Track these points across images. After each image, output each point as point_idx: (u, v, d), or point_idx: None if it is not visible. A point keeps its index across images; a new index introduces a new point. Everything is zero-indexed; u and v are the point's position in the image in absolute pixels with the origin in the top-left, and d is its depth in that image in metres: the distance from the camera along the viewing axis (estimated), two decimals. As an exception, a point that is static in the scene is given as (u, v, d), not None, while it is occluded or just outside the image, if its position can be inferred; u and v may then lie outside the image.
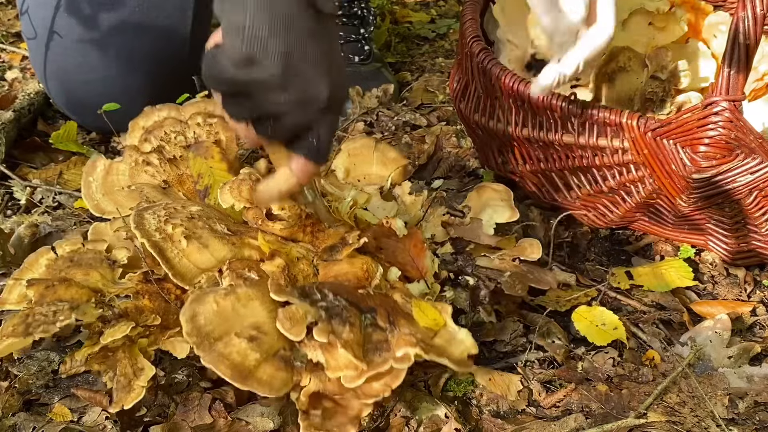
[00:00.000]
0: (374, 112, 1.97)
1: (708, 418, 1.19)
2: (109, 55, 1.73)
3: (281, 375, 1.07)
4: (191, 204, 1.28)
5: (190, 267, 1.17)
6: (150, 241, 1.17)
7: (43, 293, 1.13)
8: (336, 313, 1.09)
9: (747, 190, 1.33)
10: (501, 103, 1.52)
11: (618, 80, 1.57)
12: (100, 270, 1.20)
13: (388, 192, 1.49)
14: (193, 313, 1.08)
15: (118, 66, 1.74)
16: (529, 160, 1.57)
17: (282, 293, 1.09)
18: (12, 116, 1.78)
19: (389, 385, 1.07)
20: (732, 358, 1.32)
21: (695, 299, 1.48)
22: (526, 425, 1.16)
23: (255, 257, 1.22)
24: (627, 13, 1.66)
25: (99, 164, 1.42)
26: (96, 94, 1.71)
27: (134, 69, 1.74)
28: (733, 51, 1.21)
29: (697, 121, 1.28)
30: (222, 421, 1.13)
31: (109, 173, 1.41)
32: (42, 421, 1.13)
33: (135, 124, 1.46)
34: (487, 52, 1.52)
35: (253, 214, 1.28)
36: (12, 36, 2.30)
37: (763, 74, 1.65)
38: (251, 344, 1.06)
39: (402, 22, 2.60)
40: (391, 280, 1.25)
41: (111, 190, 1.38)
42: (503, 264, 1.35)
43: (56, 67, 1.75)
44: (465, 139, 1.85)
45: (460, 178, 1.76)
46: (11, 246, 1.44)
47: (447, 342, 1.13)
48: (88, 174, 1.40)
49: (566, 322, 1.37)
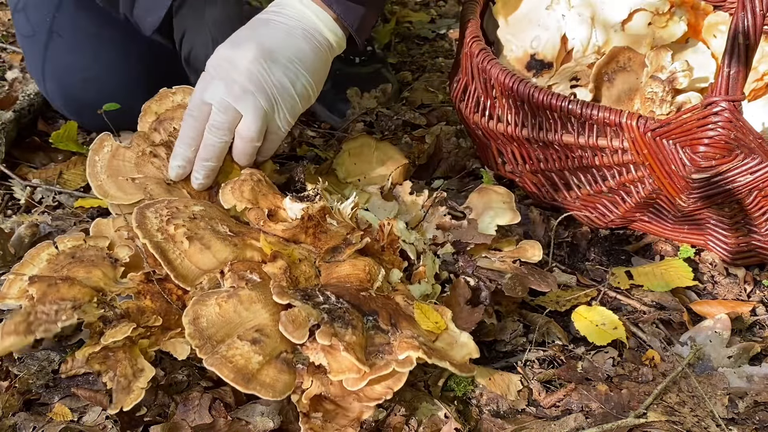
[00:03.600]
0: (373, 113, 1.97)
1: (708, 418, 1.19)
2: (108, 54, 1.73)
3: (284, 378, 1.07)
4: (194, 203, 1.27)
5: (191, 268, 1.17)
6: (152, 242, 1.17)
7: (46, 291, 1.13)
8: (338, 316, 1.09)
9: (747, 190, 1.33)
10: (501, 104, 1.52)
11: (618, 80, 1.57)
12: (102, 268, 1.20)
13: (388, 192, 1.49)
14: (195, 315, 1.08)
15: (117, 64, 1.74)
16: (529, 160, 1.57)
17: (284, 296, 1.09)
18: (12, 116, 1.77)
19: (391, 387, 1.07)
20: (732, 357, 1.32)
21: (695, 299, 1.48)
22: (526, 425, 1.16)
23: (257, 258, 1.22)
24: (627, 12, 1.66)
25: (106, 145, 1.39)
26: (94, 93, 1.70)
27: (132, 67, 1.74)
28: (732, 51, 1.21)
29: (697, 121, 1.28)
30: (222, 421, 1.13)
31: (115, 156, 1.38)
32: (42, 421, 1.13)
33: (148, 108, 1.45)
34: (487, 52, 1.52)
35: (254, 214, 1.28)
36: (12, 36, 2.30)
37: (762, 74, 1.65)
38: (254, 347, 1.06)
39: (402, 22, 2.60)
40: (393, 282, 1.25)
41: (115, 173, 1.36)
42: (504, 265, 1.35)
43: (54, 66, 1.74)
44: (465, 139, 1.85)
45: (460, 178, 1.76)
46: (11, 246, 1.44)
47: (449, 345, 1.13)
48: (95, 152, 1.38)
49: (566, 322, 1.37)
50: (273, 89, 1.31)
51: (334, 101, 2.00)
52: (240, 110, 1.31)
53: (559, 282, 1.43)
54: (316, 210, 1.26)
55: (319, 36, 1.37)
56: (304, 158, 1.80)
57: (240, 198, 1.29)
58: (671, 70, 1.50)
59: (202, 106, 1.32)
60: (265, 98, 1.31)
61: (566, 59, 1.69)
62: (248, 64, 1.29)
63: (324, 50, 1.39)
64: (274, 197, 1.31)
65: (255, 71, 1.29)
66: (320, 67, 1.39)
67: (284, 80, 1.32)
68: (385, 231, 1.30)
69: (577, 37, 1.67)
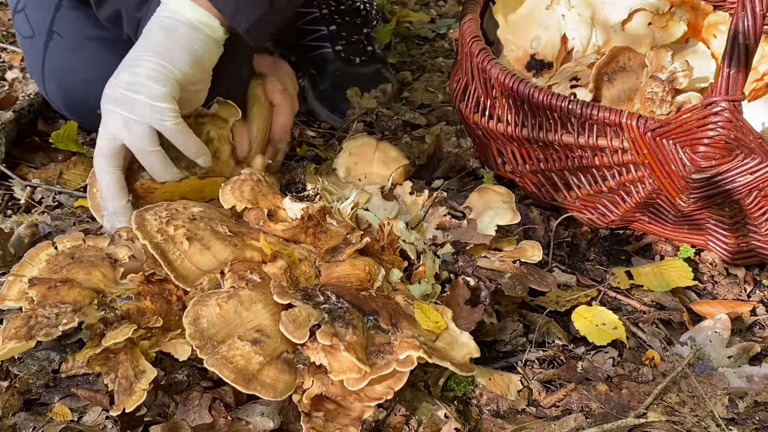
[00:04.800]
0: (373, 113, 1.97)
1: (708, 418, 1.19)
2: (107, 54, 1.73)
3: (285, 378, 1.07)
4: (193, 205, 1.27)
5: (191, 269, 1.17)
6: (152, 243, 1.17)
7: (46, 294, 1.13)
8: (339, 316, 1.09)
9: (746, 190, 1.33)
10: (501, 104, 1.52)
11: (618, 80, 1.57)
12: (102, 269, 1.20)
13: (389, 192, 1.49)
14: (195, 315, 1.09)
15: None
16: (529, 160, 1.57)
17: (285, 296, 1.09)
18: (12, 116, 1.77)
19: (392, 387, 1.07)
20: (732, 357, 1.32)
21: (695, 299, 1.48)
22: (526, 425, 1.16)
23: (257, 259, 1.22)
24: (627, 12, 1.66)
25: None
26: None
27: None
28: (732, 51, 1.21)
29: (697, 121, 1.28)
30: (222, 421, 1.13)
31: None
32: (42, 421, 1.13)
33: None
34: (487, 52, 1.52)
35: (254, 215, 1.28)
36: (12, 36, 2.30)
37: (763, 74, 1.65)
38: (254, 347, 1.06)
39: (402, 22, 2.60)
40: (393, 282, 1.25)
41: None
42: (504, 265, 1.35)
43: (54, 66, 1.74)
44: (465, 139, 1.85)
45: (460, 178, 1.76)
46: (11, 246, 1.44)
47: (449, 345, 1.13)
48: (92, 185, 1.39)
49: (566, 322, 1.37)
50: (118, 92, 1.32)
51: (334, 101, 2.00)
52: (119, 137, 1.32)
53: (559, 282, 1.43)
54: (316, 210, 1.26)
55: (180, 19, 1.34)
56: (304, 158, 1.80)
57: (240, 198, 1.29)
58: (671, 70, 1.50)
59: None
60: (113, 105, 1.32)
61: (566, 59, 1.69)
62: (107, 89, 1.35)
63: (182, 31, 1.34)
64: (274, 197, 1.31)
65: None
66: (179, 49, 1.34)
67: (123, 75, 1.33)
68: (385, 231, 1.31)
69: (577, 37, 1.67)
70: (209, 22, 1.36)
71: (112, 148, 1.32)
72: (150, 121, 1.30)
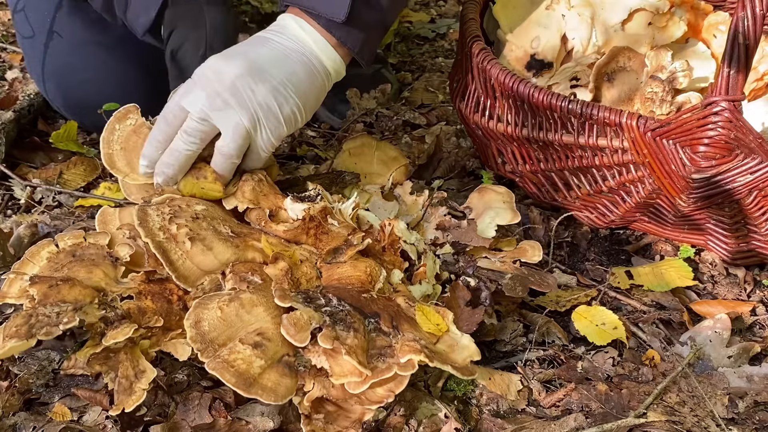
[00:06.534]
0: (373, 113, 1.97)
1: (708, 418, 1.19)
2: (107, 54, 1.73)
3: (286, 381, 1.07)
4: (196, 202, 1.27)
5: (193, 269, 1.17)
6: (154, 242, 1.16)
7: (47, 293, 1.13)
8: (340, 319, 1.09)
9: (747, 190, 1.33)
10: (501, 103, 1.52)
11: (618, 80, 1.57)
12: (103, 267, 1.20)
13: (389, 192, 1.49)
14: (197, 318, 1.08)
15: (116, 64, 1.74)
16: (529, 160, 1.57)
17: (286, 299, 1.09)
18: (12, 116, 1.77)
19: (393, 390, 1.07)
20: (732, 357, 1.32)
21: (695, 299, 1.48)
22: (526, 425, 1.16)
23: (258, 260, 1.22)
24: (627, 13, 1.66)
25: (131, 118, 1.36)
26: (94, 94, 1.70)
27: (131, 67, 1.74)
28: (732, 51, 1.21)
29: (697, 121, 1.28)
30: (222, 421, 1.13)
31: (136, 132, 1.35)
32: (42, 421, 1.13)
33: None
34: (487, 52, 1.52)
35: (256, 215, 1.28)
36: (12, 36, 2.30)
37: (763, 74, 1.65)
38: (256, 351, 1.06)
39: (402, 22, 2.60)
40: (394, 283, 1.25)
41: (131, 149, 1.33)
42: (504, 266, 1.35)
43: (54, 66, 1.74)
44: (465, 139, 1.85)
45: (460, 178, 1.76)
46: (11, 246, 1.44)
47: (450, 348, 1.13)
48: (117, 120, 1.35)
49: (566, 322, 1.37)
50: (257, 108, 1.26)
51: (334, 102, 2.00)
52: (217, 124, 1.26)
53: (559, 282, 1.43)
54: (317, 210, 1.26)
55: (316, 62, 1.32)
56: (304, 158, 1.80)
57: (241, 198, 1.29)
58: (671, 70, 1.50)
59: (179, 111, 1.27)
60: (248, 116, 1.26)
61: (566, 59, 1.69)
62: (235, 78, 1.24)
63: (320, 77, 1.34)
64: (275, 197, 1.31)
65: (240, 87, 1.25)
66: (313, 93, 1.34)
67: (271, 101, 1.27)
68: (386, 231, 1.31)
69: (577, 37, 1.67)
70: (340, 70, 1.37)
71: (202, 128, 1.28)
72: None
